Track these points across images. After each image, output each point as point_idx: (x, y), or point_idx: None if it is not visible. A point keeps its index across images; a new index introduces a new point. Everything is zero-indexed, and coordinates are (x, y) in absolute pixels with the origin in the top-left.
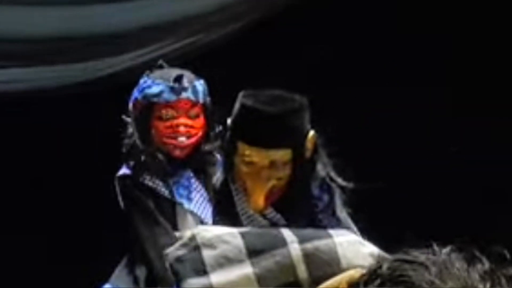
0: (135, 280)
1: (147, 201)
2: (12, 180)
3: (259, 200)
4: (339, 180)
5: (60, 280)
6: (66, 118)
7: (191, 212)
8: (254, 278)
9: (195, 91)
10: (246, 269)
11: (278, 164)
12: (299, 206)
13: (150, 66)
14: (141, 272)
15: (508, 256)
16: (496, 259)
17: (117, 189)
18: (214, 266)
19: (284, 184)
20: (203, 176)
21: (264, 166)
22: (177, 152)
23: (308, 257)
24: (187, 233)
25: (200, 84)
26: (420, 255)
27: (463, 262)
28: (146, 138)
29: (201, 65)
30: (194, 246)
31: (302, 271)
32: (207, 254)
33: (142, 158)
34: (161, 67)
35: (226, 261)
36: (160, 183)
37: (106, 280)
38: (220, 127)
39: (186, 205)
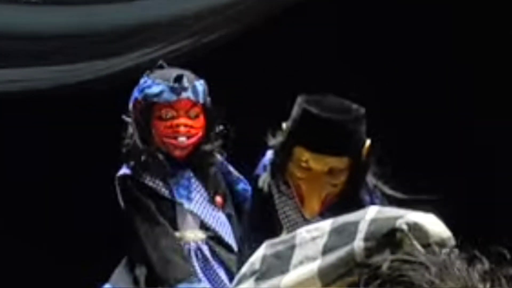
0: (135, 280)
1: (148, 201)
2: (11, 180)
3: (315, 205)
4: (386, 189)
5: (60, 280)
6: (66, 118)
7: (191, 212)
8: (316, 271)
9: (195, 91)
10: (314, 266)
11: (336, 172)
12: (345, 207)
13: (151, 66)
14: (141, 272)
15: (508, 256)
16: (496, 259)
17: (117, 189)
18: (296, 264)
19: (338, 191)
20: (203, 176)
21: (322, 173)
22: (177, 152)
23: (369, 250)
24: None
25: (200, 84)
26: (420, 255)
27: (463, 262)
28: (146, 138)
29: (201, 65)
30: (292, 245)
31: (361, 260)
32: (296, 253)
33: (142, 158)
34: (161, 67)
35: (305, 259)
36: (161, 183)
37: (106, 280)
38: (220, 127)
39: (186, 205)
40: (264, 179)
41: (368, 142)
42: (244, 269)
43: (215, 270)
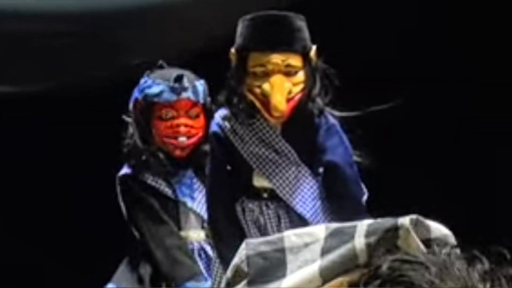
0: (140, 279)
1: (151, 200)
2: (12, 180)
3: (281, 99)
4: (335, 112)
5: (60, 280)
6: (66, 118)
7: (194, 212)
8: (317, 271)
9: (195, 91)
10: (315, 265)
11: (292, 71)
12: (304, 126)
13: (151, 65)
14: (145, 271)
15: (508, 256)
16: (496, 259)
17: (118, 189)
18: (293, 269)
19: (299, 91)
20: (204, 176)
21: (280, 71)
22: (178, 152)
23: (370, 246)
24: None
25: (200, 84)
26: (420, 255)
27: (463, 262)
28: (146, 138)
29: (201, 65)
30: (280, 248)
31: (363, 258)
32: (290, 259)
33: (143, 158)
34: (161, 67)
35: (304, 264)
36: (163, 183)
37: (107, 280)
38: None
39: (189, 203)
40: (222, 124)
41: (314, 47)
42: (229, 272)
43: None
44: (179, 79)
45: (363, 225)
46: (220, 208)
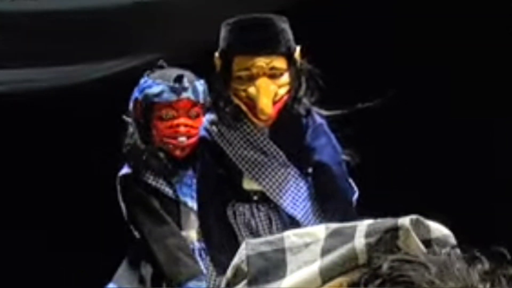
0: (141, 279)
1: (152, 200)
2: (12, 180)
3: (267, 102)
4: (322, 111)
5: (62, 280)
6: (66, 118)
7: (195, 212)
8: (317, 271)
9: (195, 91)
10: (315, 266)
11: (277, 73)
12: (291, 127)
13: (151, 66)
14: (146, 271)
15: (508, 256)
16: (496, 259)
17: (118, 189)
18: (293, 269)
19: (285, 93)
20: None
21: (265, 74)
22: (178, 152)
23: (370, 246)
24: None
25: (200, 84)
26: (420, 255)
27: (463, 262)
28: (146, 138)
29: (201, 65)
30: (280, 248)
31: (363, 258)
32: (290, 259)
33: (143, 158)
34: (161, 67)
35: (304, 264)
36: (164, 183)
37: (108, 280)
38: None
39: (190, 203)
40: (210, 129)
41: (298, 48)
42: (229, 272)
43: None
44: (179, 79)
45: (363, 225)
46: (210, 212)
